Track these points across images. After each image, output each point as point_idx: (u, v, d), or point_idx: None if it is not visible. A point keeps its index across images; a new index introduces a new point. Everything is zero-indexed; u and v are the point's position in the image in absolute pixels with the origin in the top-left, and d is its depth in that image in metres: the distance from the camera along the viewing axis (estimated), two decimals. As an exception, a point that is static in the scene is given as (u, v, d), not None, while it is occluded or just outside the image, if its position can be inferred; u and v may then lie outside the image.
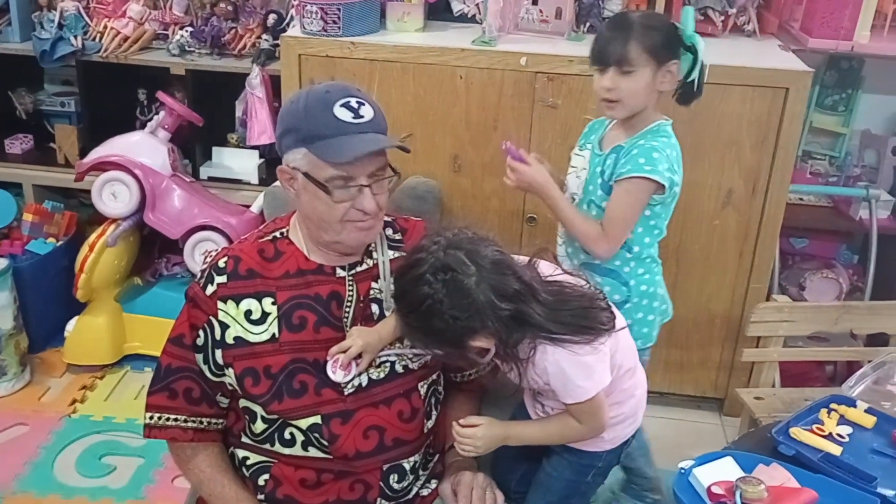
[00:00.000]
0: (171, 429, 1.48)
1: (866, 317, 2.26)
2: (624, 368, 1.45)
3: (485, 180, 2.41)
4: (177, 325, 1.48)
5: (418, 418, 1.50)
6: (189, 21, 2.79)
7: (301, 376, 1.43)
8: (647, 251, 1.80)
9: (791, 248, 2.86)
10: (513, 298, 1.27)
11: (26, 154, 2.98)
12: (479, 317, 1.26)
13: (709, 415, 2.65)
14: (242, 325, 1.43)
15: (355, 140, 1.36)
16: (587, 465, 1.52)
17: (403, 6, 2.45)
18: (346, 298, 1.47)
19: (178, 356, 1.47)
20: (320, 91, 1.40)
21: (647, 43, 1.65)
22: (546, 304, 1.31)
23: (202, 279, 1.46)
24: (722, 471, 1.37)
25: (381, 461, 1.47)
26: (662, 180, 1.67)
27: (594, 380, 1.35)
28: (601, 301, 1.39)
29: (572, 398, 1.36)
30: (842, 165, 2.85)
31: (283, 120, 1.43)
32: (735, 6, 2.53)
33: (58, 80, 3.06)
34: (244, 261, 1.46)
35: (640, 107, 1.71)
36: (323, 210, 1.40)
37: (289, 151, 1.41)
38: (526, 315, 1.28)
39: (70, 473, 2.31)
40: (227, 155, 2.87)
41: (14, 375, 2.59)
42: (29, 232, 2.76)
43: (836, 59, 2.74)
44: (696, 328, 2.51)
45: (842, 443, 1.51)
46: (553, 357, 1.32)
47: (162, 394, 1.48)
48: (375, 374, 1.47)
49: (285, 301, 1.44)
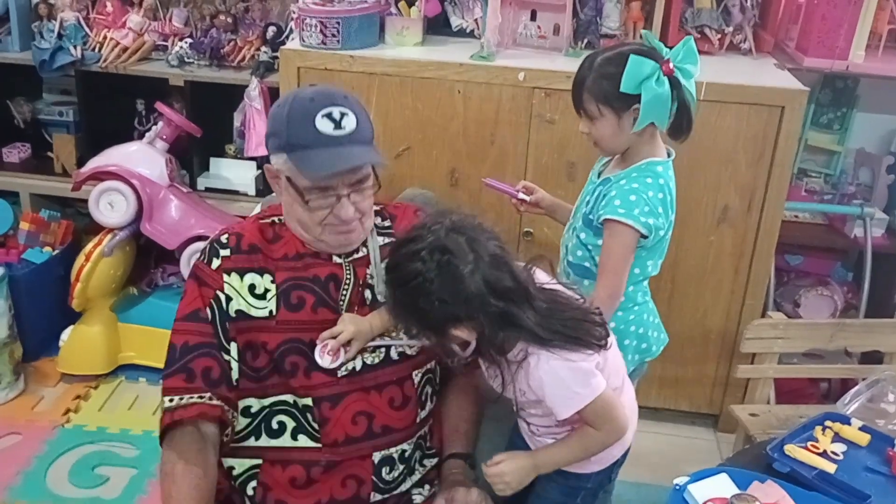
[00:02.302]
0: (195, 405, 1.39)
1: (861, 334, 2.27)
2: (611, 388, 1.41)
3: (482, 194, 2.41)
4: (186, 302, 1.45)
5: (410, 406, 1.50)
6: (189, 32, 2.80)
7: (293, 358, 1.44)
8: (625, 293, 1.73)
9: (786, 265, 2.87)
10: (504, 296, 1.26)
11: (24, 163, 2.98)
12: (465, 306, 1.24)
13: (703, 431, 2.65)
14: (245, 298, 1.44)
15: (333, 154, 1.37)
16: (575, 487, 1.50)
17: (402, 20, 2.47)
18: (343, 281, 1.48)
19: (195, 332, 1.42)
20: (305, 98, 1.42)
21: (598, 94, 1.61)
22: (538, 310, 1.29)
23: (205, 255, 1.47)
24: (717, 487, 1.37)
25: (371, 447, 1.46)
26: (637, 225, 1.61)
27: (591, 385, 1.32)
28: (595, 316, 1.38)
29: (568, 409, 1.33)
30: (837, 183, 2.87)
31: (270, 122, 1.47)
32: (731, 25, 2.55)
33: (56, 89, 3.07)
34: (246, 237, 1.48)
35: (621, 146, 1.68)
36: (302, 213, 1.44)
37: (273, 153, 1.44)
38: (515, 316, 1.27)
39: (63, 484, 2.29)
40: (225, 166, 2.88)
41: (8, 384, 2.58)
42: (25, 241, 2.76)
43: (831, 78, 2.75)
44: (690, 344, 2.52)
45: (836, 460, 1.52)
46: (548, 365, 1.30)
47: (179, 375, 1.41)
48: (370, 359, 1.47)
49: (284, 280, 1.45)
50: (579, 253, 1.76)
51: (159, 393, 1.44)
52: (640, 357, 1.81)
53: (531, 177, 2.36)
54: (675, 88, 1.59)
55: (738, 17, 2.54)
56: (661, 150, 1.71)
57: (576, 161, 2.33)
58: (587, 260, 1.75)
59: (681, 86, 1.60)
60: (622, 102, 1.60)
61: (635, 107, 1.60)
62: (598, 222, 1.68)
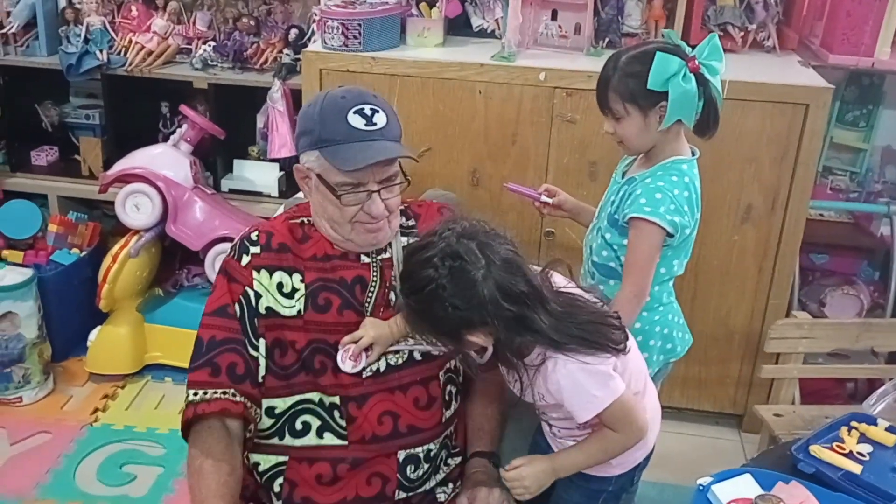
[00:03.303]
0: (219, 401, 1.40)
1: (887, 334, 2.24)
2: (632, 392, 1.41)
3: (503, 195, 2.41)
4: (215, 298, 1.47)
5: (435, 406, 1.50)
6: (212, 36, 2.83)
7: (320, 357, 1.45)
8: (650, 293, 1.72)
9: (812, 264, 2.84)
10: (518, 300, 1.26)
11: (52, 166, 3.03)
12: (479, 311, 1.25)
13: (727, 431, 2.63)
14: (274, 296, 1.45)
15: (366, 147, 1.39)
16: (597, 491, 1.49)
17: (424, 21, 2.48)
18: (370, 282, 1.49)
19: (222, 327, 1.44)
20: (336, 96, 1.44)
21: (624, 93, 1.61)
22: (553, 314, 1.29)
23: (234, 252, 1.48)
24: (741, 488, 1.37)
25: (397, 447, 1.47)
26: (664, 224, 1.61)
27: (609, 387, 1.32)
28: (614, 319, 1.37)
29: (587, 412, 1.33)
30: (863, 181, 2.83)
31: (301, 121, 1.48)
32: (755, 22, 2.53)
33: (83, 93, 3.11)
34: (276, 235, 1.49)
35: (647, 144, 1.67)
36: (333, 211, 1.45)
37: (304, 152, 1.46)
38: (529, 320, 1.27)
39: (91, 482, 2.33)
40: (248, 168, 2.90)
41: (38, 384, 2.63)
42: (53, 242, 2.80)
43: (856, 74, 2.72)
44: (714, 344, 2.50)
45: (862, 461, 1.50)
46: (565, 369, 1.31)
47: (204, 370, 1.42)
48: (394, 360, 1.49)
49: (312, 281, 1.47)
50: (604, 253, 1.75)
51: (185, 393, 1.45)
52: (665, 357, 1.80)
53: (552, 177, 2.37)
54: (701, 85, 1.59)
55: (761, 14, 2.52)
56: (686, 149, 1.71)
57: (597, 161, 2.33)
58: (612, 260, 1.74)
59: (707, 82, 1.60)
60: (648, 101, 1.60)
61: (661, 104, 1.60)
62: (623, 221, 1.67)
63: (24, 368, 2.57)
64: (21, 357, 2.55)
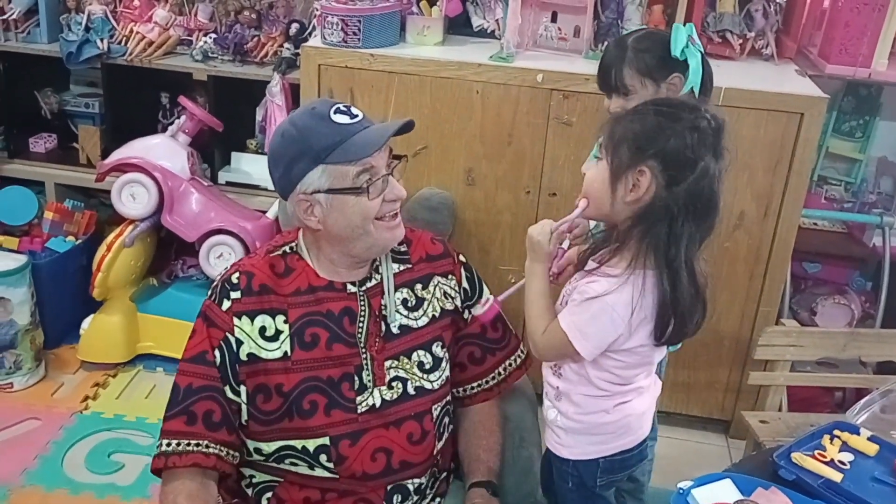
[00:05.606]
0: (191, 454, 1.39)
1: (875, 344, 2.25)
2: (631, 384, 1.43)
3: (497, 194, 2.43)
4: (194, 343, 1.45)
5: (428, 440, 1.51)
6: (213, 28, 2.84)
7: (312, 396, 1.44)
8: None
9: (804, 273, 2.85)
10: (688, 203, 1.26)
11: (50, 153, 3.03)
12: (675, 157, 1.26)
13: (714, 436, 2.65)
14: (256, 341, 1.43)
15: (365, 135, 1.40)
16: (561, 471, 1.51)
17: (424, 20, 2.48)
18: (359, 314, 1.48)
19: (200, 374, 1.42)
20: (306, 112, 1.43)
21: (640, 66, 1.70)
22: (686, 265, 1.29)
23: (215, 295, 1.45)
24: (720, 492, 1.37)
25: (387, 482, 1.48)
26: None
27: (598, 324, 1.32)
28: (704, 310, 1.37)
29: (566, 314, 1.36)
30: (857, 191, 2.85)
31: (285, 154, 1.41)
32: (754, 30, 2.53)
33: (83, 81, 3.13)
34: (256, 276, 1.45)
35: None
36: (355, 216, 1.40)
37: (303, 178, 1.39)
38: (679, 227, 1.27)
39: (79, 469, 2.34)
40: (246, 160, 2.91)
41: (29, 370, 2.63)
42: (49, 229, 2.81)
43: (854, 85, 2.73)
44: (704, 349, 2.51)
45: (843, 469, 1.50)
46: (610, 296, 1.31)
47: (179, 418, 1.41)
48: (388, 394, 1.48)
49: (297, 318, 1.45)
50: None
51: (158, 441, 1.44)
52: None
53: (547, 179, 2.38)
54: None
55: (760, 22, 2.53)
56: None
57: (592, 163, 2.33)
58: None
59: (700, 52, 1.73)
60: (662, 73, 1.70)
61: (673, 76, 1.69)
62: None
63: (15, 355, 2.58)
64: (13, 343, 2.56)
